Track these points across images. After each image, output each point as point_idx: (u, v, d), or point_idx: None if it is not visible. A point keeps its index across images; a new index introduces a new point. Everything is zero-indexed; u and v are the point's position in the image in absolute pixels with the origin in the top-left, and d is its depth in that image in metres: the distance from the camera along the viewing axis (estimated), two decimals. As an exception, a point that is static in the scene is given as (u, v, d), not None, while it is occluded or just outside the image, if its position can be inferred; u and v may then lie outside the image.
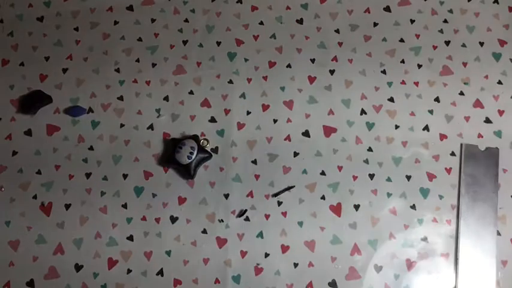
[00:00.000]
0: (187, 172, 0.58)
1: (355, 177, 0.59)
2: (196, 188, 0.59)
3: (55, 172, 0.60)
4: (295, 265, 0.57)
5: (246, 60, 0.64)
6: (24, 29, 0.66)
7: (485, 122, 0.61)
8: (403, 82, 0.63)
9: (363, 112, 0.62)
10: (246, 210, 0.58)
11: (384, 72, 0.63)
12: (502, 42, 0.64)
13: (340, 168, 0.60)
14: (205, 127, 0.61)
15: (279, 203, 0.59)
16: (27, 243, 0.58)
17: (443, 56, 0.64)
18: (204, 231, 0.58)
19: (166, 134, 0.61)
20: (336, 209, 0.58)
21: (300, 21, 0.66)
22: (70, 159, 0.61)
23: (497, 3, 0.65)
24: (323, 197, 0.59)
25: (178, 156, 0.58)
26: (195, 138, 0.59)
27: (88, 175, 0.60)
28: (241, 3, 0.67)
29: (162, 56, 0.65)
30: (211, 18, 0.66)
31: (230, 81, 0.63)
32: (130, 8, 0.67)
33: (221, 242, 0.57)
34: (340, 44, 0.65)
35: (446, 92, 0.62)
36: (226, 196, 0.59)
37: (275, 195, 0.59)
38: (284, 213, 0.58)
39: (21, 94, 0.63)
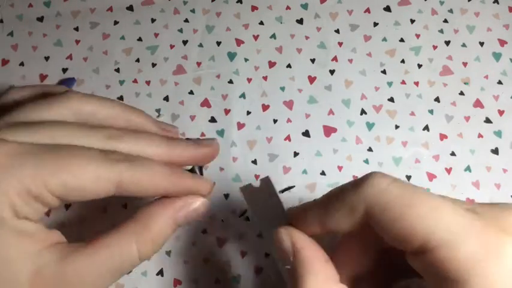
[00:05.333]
0: (187, 172, 0.58)
1: (355, 177, 0.59)
2: (196, 188, 0.59)
3: (55, 172, 0.60)
4: (295, 265, 0.56)
5: (246, 60, 0.64)
6: (24, 29, 0.66)
7: (485, 122, 0.61)
8: (403, 82, 0.63)
9: (363, 112, 0.61)
10: (246, 210, 0.58)
11: (384, 72, 0.63)
12: (502, 42, 0.64)
13: (340, 168, 0.60)
14: (205, 127, 0.61)
15: (279, 203, 0.58)
16: (27, 243, 0.58)
17: (443, 56, 0.63)
18: (204, 231, 0.58)
19: (166, 134, 0.61)
20: (336, 209, 0.58)
21: (300, 21, 0.66)
22: (70, 159, 0.60)
23: (497, 3, 0.65)
24: (323, 197, 0.58)
25: (178, 156, 0.58)
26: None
27: (88, 175, 0.60)
28: (241, 3, 0.67)
29: (162, 56, 0.65)
30: (211, 18, 0.66)
31: (230, 81, 0.63)
32: (130, 8, 0.67)
33: (221, 242, 0.57)
34: (340, 44, 0.65)
35: (446, 92, 0.62)
36: (226, 196, 0.59)
37: (275, 195, 0.59)
38: (284, 213, 0.58)
39: (21, 94, 0.63)
